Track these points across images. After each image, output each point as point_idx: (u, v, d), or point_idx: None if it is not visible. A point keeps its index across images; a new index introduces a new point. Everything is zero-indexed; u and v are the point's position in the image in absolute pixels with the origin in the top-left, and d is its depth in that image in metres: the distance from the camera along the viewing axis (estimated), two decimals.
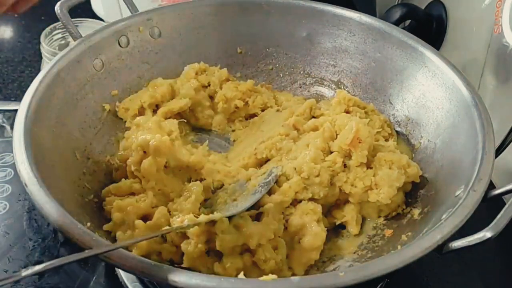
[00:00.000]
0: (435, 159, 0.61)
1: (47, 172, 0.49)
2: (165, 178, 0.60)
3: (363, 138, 0.58)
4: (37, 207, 0.45)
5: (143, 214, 0.55)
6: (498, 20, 0.68)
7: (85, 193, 0.57)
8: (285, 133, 0.64)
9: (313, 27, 0.76)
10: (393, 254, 0.42)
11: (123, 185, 0.58)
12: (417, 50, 0.67)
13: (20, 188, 0.68)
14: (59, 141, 0.57)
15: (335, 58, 0.76)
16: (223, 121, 0.74)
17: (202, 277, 0.39)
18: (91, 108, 0.66)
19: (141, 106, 0.70)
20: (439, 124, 0.63)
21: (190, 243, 0.50)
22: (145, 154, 0.58)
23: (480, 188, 0.48)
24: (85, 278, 0.59)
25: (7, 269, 0.59)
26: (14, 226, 0.64)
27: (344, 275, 0.39)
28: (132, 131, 0.65)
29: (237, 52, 0.79)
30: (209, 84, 0.75)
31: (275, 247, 0.52)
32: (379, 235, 0.59)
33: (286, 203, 0.56)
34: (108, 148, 0.66)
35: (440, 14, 0.81)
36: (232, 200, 0.56)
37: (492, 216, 0.44)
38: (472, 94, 0.58)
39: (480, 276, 0.62)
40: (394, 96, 0.71)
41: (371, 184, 0.58)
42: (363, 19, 0.72)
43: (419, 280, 0.61)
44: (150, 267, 0.40)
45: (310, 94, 0.78)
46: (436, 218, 0.50)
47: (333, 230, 0.60)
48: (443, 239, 0.43)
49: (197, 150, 0.66)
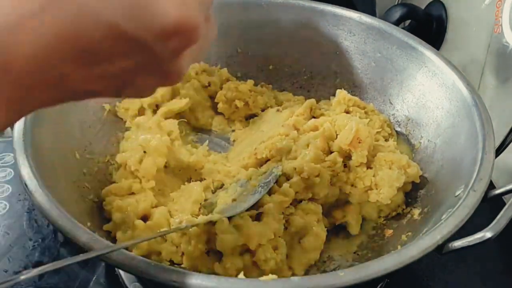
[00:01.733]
0: (435, 159, 0.61)
1: (47, 172, 0.49)
2: (165, 178, 0.60)
3: (363, 138, 0.58)
4: (37, 207, 0.45)
5: (143, 214, 0.55)
6: (498, 20, 0.68)
7: (85, 193, 0.57)
8: (285, 133, 0.64)
9: (313, 27, 0.76)
10: (393, 254, 0.42)
11: (123, 185, 0.58)
12: (417, 50, 0.67)
13: (20, 188, 0.68)
14: (59, 141, 0.57)
15: (335, 58, 0.76)
16: (223, 121, 0.74)
17: (202, 277, 0.39)
18: (91, 108, 0.66)
19: (141, 106, 0.70)
20: (439, 124, 0.63)
21: (190, 243, 0.50)
22: (145, 154, 0.58)
23: (480, 188, 0.48)
24: (85, 278, 0.59)
25: (7, 269, 0.59)
26: (14, 226, 0.64)
27: (344, 275, 0.39)
28: (132, 131, 0.65)
29: (237, 52, 0.79)
30: (209, 84, 0.75)
31: (275, 247, 0.52)
32: (379, 235, 0.59)
33: (286, 203, 0.56)
34: (108, 148, 0.66)
35: (440, 14, 0.81)
36: (232, 200, 0.56)
37: (492, 216, 0.44)
38: (472, 94, 0.58)
39: (480, 276, 0.62)
40: (394, 96, 0.71)
41: (371, 184, 0.58)
42: (363, 19, 0.72)
43: (419, 280, 0.61)
44: (150, 267, 0.40)
45: (310, 94, 0.78)
46: (436, 218, 0.50)
47: (333, 230, 0.60)
48: (443, 239, 0.43)
49: (197, 150, 0.66)
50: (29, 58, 0.27)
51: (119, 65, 0.30)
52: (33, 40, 0.27)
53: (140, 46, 0.29)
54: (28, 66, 0.27)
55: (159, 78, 0.32)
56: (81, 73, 0.29)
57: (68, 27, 0.27)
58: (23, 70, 0.27)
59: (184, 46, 0.30)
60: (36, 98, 0.29)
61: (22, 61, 0.27)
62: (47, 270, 0.35)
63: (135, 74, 0.31)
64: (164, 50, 0.30)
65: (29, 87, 0.28)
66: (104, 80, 0.30)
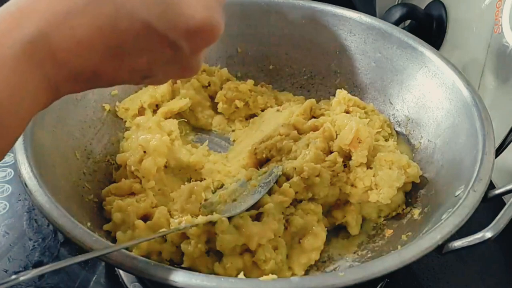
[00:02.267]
0: (435, 159, 0.61)
1: (47, 172, 0.49)
2: (165, 178, 0.60)
3: (363, 138, 0.58)
4: (37, 207, 0.45)
5: (143, 214, 0.55)
6: (498, 20, 0.68)
7: (85, 193, 0.57)
8: (285, 133, 0.64)
9: (313, 27, 0.76)
10: (393, 254, 0.42)
11: (123, 185, 0.58)
12: (417, 50, 0.67)
13: (20, 188, 0.68)
14: (59, 141, 0.57)
15: (335, 58, 0.76)
16: (223, 121, 0.74)
17: (202, 277, 0.39)
18: (91, 108, 0.66)
19: (141, 106, 0.70)
20: (439, 124, 0.63)
21: (190, 243, 0.50)
22: (145, 154, 0.58)
23: (480, 188, 0.48)
24: (85, 278, 0.59)
25: (7, 269, 0.59)
26: (14, 226, 0.64)
27: (344, 275, 0.39)
28: (132, 131, 0.65)
29: (237, 52, 0.79)
30: (209, 84, 0.75)
31: (275, 247, 0.52)
32: (379, 235, 0.59)
33: (286, 203, 0.56)
34: (108, 148, 0.66)
35: (440, 14, 0.81)
36: (232, 200, 0.56)
37: (492, 216, 0.44)
38: (472, 94, 0.58)
39: (480, 276, 0.62)
40: (394, 96, 0.71)
41: (371, 184, 0.58)
42: (363, 19, 0.72)
43: (419, 280, 0.61)
44: (150, 267, 0.40)
45: (310, 94, 0.78)
46: (436, 218, 0.50)
47: (333, 230, 0.60)
48: (443, 239, 0.43)
49: (197, 150, 0.66)
50: (72, 46, 0.31)
51: (147, 59, 0.34)
52: (77, 33, 0.31)
53: (168, 43, 0.33)
54: (71, 53, 0.32)
55: (180, 71, 0.37)
56: (113, 64, 0.33)
57: (106, 24, 0.31)
58: (66, 56, 0.32)
59: (206, 44, 0.35)
60: (73, 82, 0.34)
61: (66, 48, 0.31)
62: (46, 271, 0.35)
63: (159, 67, 0.35)
64: (188, 47, 0.34)
65: (70, 71, 0.33)
66: (132, 71, 0.35)
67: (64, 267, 0.36)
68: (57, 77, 0.33)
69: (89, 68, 0.33)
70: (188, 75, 0.39)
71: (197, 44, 0.34)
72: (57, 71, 0.32)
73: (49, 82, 0.33)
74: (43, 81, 0.33)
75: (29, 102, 0.32)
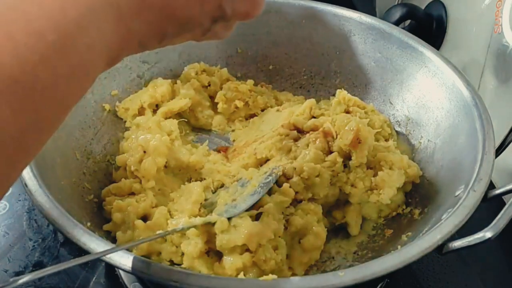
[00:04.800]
0: (435, 159, 0.61)
1: (47, 172, 0.49)
2: (165, 178, 0.60)
3: (363, 138, 0.58)
4: (37, 207, 0.45)
5: (143, 214, 0.55)
6: (498, 20, 0.68)
7: (85, 193, 0.57)
8: (285, 133, 0.64)
9: (313, 27, 0.76)
10: (393, 254, 0.42)
11: (123, 185, 0.58)
12: (417, 50, 0.67)
13: (20, 188, 0.68)
14: (59, 141, 0.57)
15: (335, 58, 0.76)
16: (223, 121, 0.74)
17: (202, 277, 0.39)
18: (91, 108, 0.66)
19: (141, 106, 0.70)
20: (439, 124, 0.63)
21: (190, 243, 0.50)
22: (145, 154, 0.58)
23: (480, 188, 0.48)
24: (85, 278, 0.59)
25: (7, 269, 0.59)
26: (14, 226, 0.64)
27: (344, 275, 0.39)
28: (132, 131, 0.65)
29: (237, 52, 0.79)
30: (209, 84, 0.75)
31: (275, 247, 0.52)
32: (379, 235, 0.59)
33: (286, 203, 0.56)
34: (108, 148, 0.66)
35: (440, 14, 0.81)
36: (232, 200, 0.56)
37: (492, 216, 0.44)
38: (472, 94, 0.58)
39: (480, 276, 0.62)
40: (394, 96, 0.71)
41: (371, 184, 0.58)
42: (363, 19, 0.72)
43: (419, 280, 0.61)
44: (150, 267, 0.40)
45: (310, 94, 0.78)
46: (436, 218, 0.50)
47: (333, 230, 0.60)
48: (443, 239, 0.43)
49: (197, 150, 0.66)
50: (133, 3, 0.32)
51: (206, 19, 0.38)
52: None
53: (217, 7, 0.37)
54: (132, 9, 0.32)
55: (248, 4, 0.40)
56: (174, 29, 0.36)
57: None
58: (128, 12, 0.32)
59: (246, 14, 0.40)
60: (146, 13, 0.34)
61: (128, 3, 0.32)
62: (46, 274, 0.35)
63: (230, 2, 0.38)
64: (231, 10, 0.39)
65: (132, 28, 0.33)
66: (203, 2, 0.37)
67: (66, 267, 0.36)
68: (118, 32, 0.32)
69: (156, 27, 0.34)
70: (257, 11, 0.41)
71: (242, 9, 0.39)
72: (120, 25, 0.32)
73: (120, 17, 0.32)
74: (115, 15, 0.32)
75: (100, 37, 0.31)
